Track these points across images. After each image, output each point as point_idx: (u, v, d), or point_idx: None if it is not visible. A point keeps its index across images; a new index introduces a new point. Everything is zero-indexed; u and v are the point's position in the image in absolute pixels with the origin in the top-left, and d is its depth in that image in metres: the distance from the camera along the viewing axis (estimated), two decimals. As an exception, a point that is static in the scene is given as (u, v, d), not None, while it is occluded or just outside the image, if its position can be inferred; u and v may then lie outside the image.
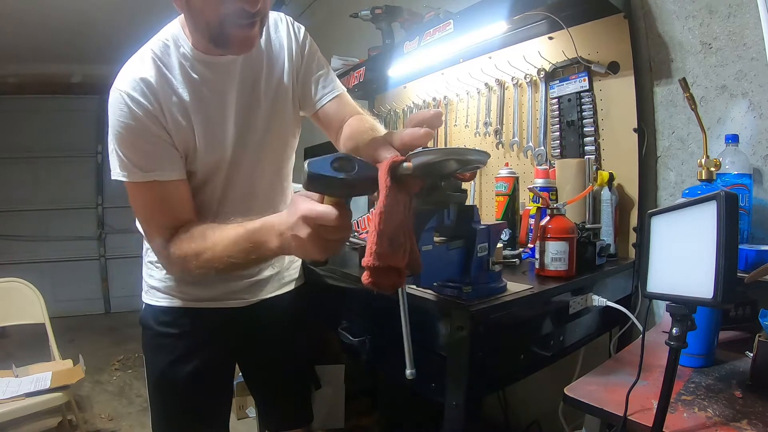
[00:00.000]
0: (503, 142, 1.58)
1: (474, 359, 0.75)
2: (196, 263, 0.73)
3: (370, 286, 0.52)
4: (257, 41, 0.78)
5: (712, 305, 0.52)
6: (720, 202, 0.51)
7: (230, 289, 0.96)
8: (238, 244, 0.68)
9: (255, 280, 1.00)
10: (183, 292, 0.95)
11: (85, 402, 2.49)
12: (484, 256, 0.77)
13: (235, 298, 0.98)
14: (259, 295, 1.01)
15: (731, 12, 1.05)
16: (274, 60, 0.91)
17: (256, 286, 1.00)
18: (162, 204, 0.78)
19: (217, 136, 0.84)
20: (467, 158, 0.58)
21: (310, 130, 1.03)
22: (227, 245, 0.69)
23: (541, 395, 1.51)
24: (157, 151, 0.77)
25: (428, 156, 0.53)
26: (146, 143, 0.76)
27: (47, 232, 4.23)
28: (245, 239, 0.67)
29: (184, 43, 0.80)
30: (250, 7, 0.68)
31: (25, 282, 2.03)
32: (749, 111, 1.03)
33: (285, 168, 1.01)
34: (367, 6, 1.91)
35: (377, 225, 0.51)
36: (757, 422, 0.61)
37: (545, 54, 1.40)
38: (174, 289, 0.95)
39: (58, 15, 2.97)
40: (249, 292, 1.00)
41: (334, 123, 0.94)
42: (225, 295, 0.97)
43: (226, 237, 0.69)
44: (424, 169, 0.53)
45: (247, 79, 0.87)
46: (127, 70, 0.78)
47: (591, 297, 0.98)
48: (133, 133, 0.75)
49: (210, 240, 0.71)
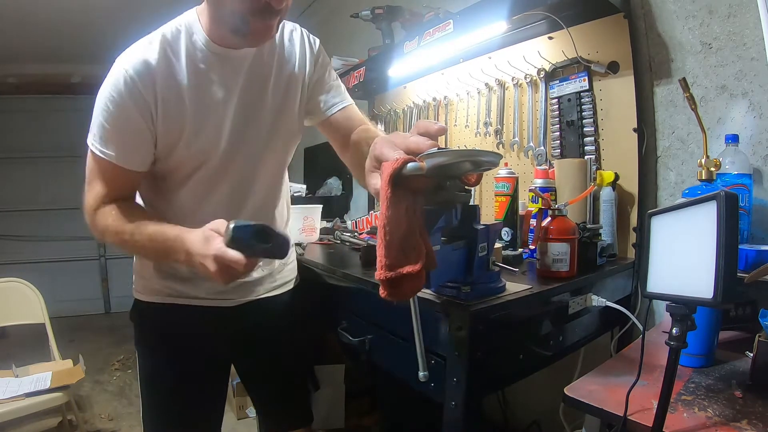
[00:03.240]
0: (503, 143, 1.58)
1: (473, 359, 0.75)
2: (112, 240, 0.81)
3: (389, 298, 0.51)
4: (274, 34, 0.80)
5: (712, 305, 0.52)
6: (720, 202, 0.51)
7: (218, 288, 0.95)
8: (152, 241, 0.77)
9: (243, 280, 0.97)
10: (171, 289, 0.95)
11: (85, 402, 2.49)
12: (484, 256, 0.77)
13: (223, 298, 0.97)
14: (249, 296, 1.00)
15: (731, 12, 1.05)
16: (284, 63, 0.91)
17: (245, 287, 0.99)
18: (111, 180, 0.82)
19: (210, 124, 0.85)
20: (480, 159, 0.58)
21: (311, 130, 1.03)
22: (143, 238, 0.77)
23: (541, 395, 1.51)
24: (131, 141, 0.81)
25: (443, 157, 0.53)
26: (125, 129, 0.79)
27: (47, 232, 4.23)
28: (159, 241, 0.76)
29: (198, 31, 0.82)
30: (276, 4, 0.72)
31: (25, 282, 2.03)
32: (749, 111, 1.03)
33: (284, 169, 1.02)
34: (367, 6, 1.91)
35: (383, 237, 0.50)
36: (757, 422, 0.61)
37: (545, 54, 1.40)
38: (162, 286, 0.95)
39: (58, 15, 2.97)
40: (237, 292, 0.98)
41: (341, 133, 0.96)
42: (213, 295, 0.96)
43: (145, 231, 0.77)
44: (438, 170, 0.53)
45: (255, 76, 0.88)
46: (134, 49, 0.80)
47: (591, 297, 0.98)
48: (118, 113, 0.78)
49: (131, 225, 0.79)
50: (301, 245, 1.53)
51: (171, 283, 0.94)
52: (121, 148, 0.80)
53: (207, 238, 0.67)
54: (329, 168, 2.61)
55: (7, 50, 3.53)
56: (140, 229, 0.78)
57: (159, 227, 0.77)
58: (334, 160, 1.05)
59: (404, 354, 0.85)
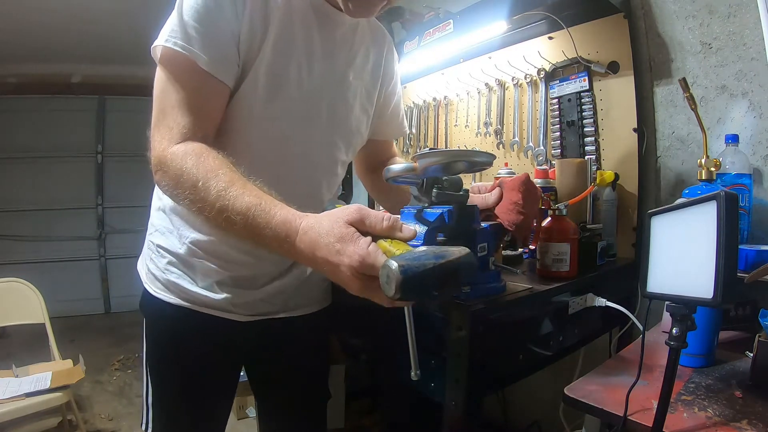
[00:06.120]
0: (503, 142, 1.58)
1: (473, 359, 0.75)
2: (186, 195, 0.60)
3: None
4: (373, 12, 0.75)
5: (712, 305, 0.52)
6: (720, 202, 0.51)
7: (233, 300, 0.83)
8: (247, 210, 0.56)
9: (264, 291, 0.86)
10: (181, 291, 0.84)
11: (85, 402, 2.49)
12: (484, 256, 0.77)
13: (235, 312, 0.84)
14: (266, 313, 0.87)
15: (731, 12, 1.05)
16: (374, 51, 0.90)
17: (266, 302, 0.87)
18: (194, 100, 0.65)
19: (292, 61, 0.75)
20: (474, 160, 0.59)
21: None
22: (234, 203, 0.56)
23: (541, 395, 1.51)
24: (223, 40, 0.67)
25: (435, 157, 0.53)
26: (218, 26, 0.66)
27: (47, 232, 4.22)
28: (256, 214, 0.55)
29: None
30: None
31: (25, 282, 2.03)
32: (749, 111, 1.03)
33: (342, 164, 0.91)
34: (367, 6, 1.91)
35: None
36: (757, 422, 0.61)
37: (545, 54, 1.40)
38: (173, 285, 0.84)
39: (58, 15, 2.97)
40: (251, 307, 0.85)
41: (377, 156, 0.98)
42: (226, 306, 0.83)
43: (239, 196, 0.57)
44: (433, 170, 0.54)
45: (344, 43, 0.83)
46: None
47: (591, 297, 0.98)
48: (209, 6, 0.65)
49: (220, 180, 0.58)
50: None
51: (184, 284, 0.84)
52: (214, 49, 0.64)
53: (344, 238, 0.49)
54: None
55: (7, 50, 3.53)
56: (232, 193, 0.57)
57: (258, 194, 0.57)
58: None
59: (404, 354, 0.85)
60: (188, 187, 0.60)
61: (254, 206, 0.55)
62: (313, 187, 0.85)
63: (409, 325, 0.59)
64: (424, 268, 0.43)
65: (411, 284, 0.42)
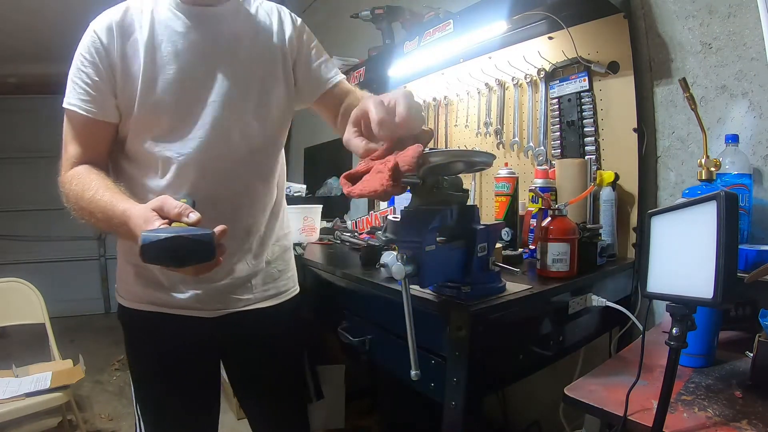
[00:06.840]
0: (503, 143, 1.58)
1: (473, 359, 0.75)
2: (74, 207, 0.79)
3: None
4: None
5: (712, 305, 0.52)
6: (720, 202, 0.51)
7: (198, 297, 0.90)
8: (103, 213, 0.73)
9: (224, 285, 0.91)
10: (151, 296, 0.90)
11: (85, 402, 2.49)
12: (484, 256, 0.77)
13: (203, 308, 0.91)
14: (233, 306, 0.93)
15: (731, 12, 1.05)
16: (261, 31, 0.92)
17: (227, 297, 0.92)
18: (81, 137, 0.84)
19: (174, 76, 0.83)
20: (474, 160, 0.59)
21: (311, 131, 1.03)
22: (98, 204, 0.74)
23: (541, 395, 1.51)
24: (100, 87, 0.82)
25: (435, 157, 0.53)
26: (91, 81, 0.82)
27: (47, 232, 4.22)
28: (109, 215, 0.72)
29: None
30: None
31: (25, 282, 2.03)
32: (749, 111, 1.03)
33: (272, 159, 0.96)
34: (367, 6, 1.91)
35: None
36: (757, 422, 0.61)
37: (545, 54, 1.40)
38: (142, 293, 0.91)
39: (58, 15, 2.97)
40: (219, 302, 0.92)
41: (336, 105, 0.98)
42: (192, 303, 0.90)
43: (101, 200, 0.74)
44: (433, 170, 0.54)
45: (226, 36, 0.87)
46: (103, 13, 0.85)
47: (591, 297, 0.98)
48: (85, 69, 0.82)
49: (91, 190, 0.76)
50: (301, 245, 1.53)
51: (151, 290, 0.90)
52: (87, 98, 0.82)
53: (147, 220, 0.63)
54: (329, 168, 2.60)
55: (7, 50, 3.53)
56: (96, 197, 0.74)
57: (112, 198, 0.73)
58: (334, 160, 1.06)
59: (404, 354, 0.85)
60: (73, 200, 0.79)
61: (108, 203, 0.72)
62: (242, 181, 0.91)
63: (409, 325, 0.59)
64: (158, 238, 0.54)
65: (149, 249, 0.53)
